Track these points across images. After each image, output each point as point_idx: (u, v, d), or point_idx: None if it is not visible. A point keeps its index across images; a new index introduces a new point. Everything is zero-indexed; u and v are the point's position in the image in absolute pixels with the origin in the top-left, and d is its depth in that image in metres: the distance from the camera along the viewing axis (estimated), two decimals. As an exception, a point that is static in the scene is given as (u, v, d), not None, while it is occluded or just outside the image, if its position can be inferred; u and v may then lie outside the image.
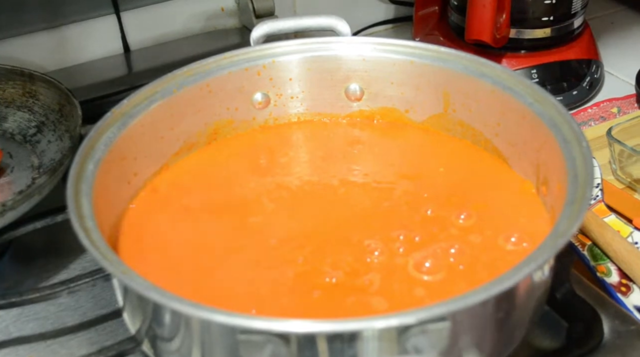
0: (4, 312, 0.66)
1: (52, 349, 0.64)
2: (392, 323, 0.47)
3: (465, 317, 0.49)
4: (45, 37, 1.02)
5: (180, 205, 0.67)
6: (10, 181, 0.79)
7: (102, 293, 0.67)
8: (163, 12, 1.08)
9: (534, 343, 0.60)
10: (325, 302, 0.56)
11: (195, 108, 0.71)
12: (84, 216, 0.56)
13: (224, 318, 0.48)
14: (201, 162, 0.72)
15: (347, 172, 0.69)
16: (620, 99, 0.90)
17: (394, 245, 0.61)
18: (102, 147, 0.63)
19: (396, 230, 0.62)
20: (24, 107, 0.86)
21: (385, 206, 0.65)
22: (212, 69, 0.71)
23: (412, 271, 0.59)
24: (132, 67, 1.07)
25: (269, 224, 0.64)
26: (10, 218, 0.68)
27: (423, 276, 0.58)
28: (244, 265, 0.60)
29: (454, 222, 0.63)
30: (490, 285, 0.48)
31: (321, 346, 0.48)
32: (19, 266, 0.73)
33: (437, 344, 0.49)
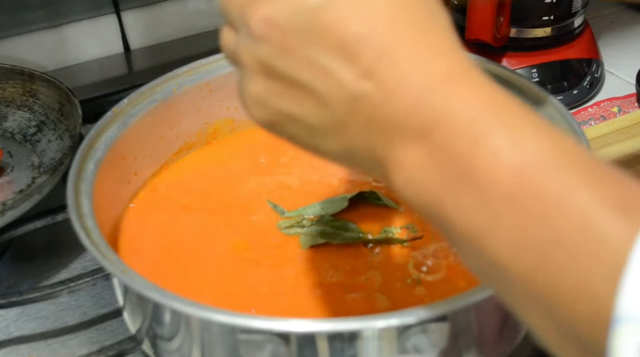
0: (5, 311, 0.66)
1: (52, 348, 0.64)
2: (393, 323, 0.47)
3: (465, 317, 0.49)
4: (46, 36, 1.02)
5: (180, 204, 0.67)
6: (11, 180, 0.79)
7: (103, 292, 0.67)
8: (163, 11, 1.08)
9: (534, 343, 0.60)
10: (326, 302, 0.56)
11: (195, 107, 0.71)
12: (84, 215, 0.56)
13: (224, 318, 0.48)
14: (201, 161, 0.72)
15: (347, 171, 0.69)
16: (621, 98, 0.90)
17: (394, 244, 0.61)
18: (102, 147, 0.63)
19: (396, 229, 0.62)
20: (24, 107, 0.86)
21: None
22: (212, 69, 0.71)
23: (413, 271, 0.59)
24: (133, 66, 1.07)
25: (269, 224, 0.64)
26: (10, 217, 0.68)
27: (423, 276, 0.58)
28: (244, 265, 0.60)
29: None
30: (491, 284, 0.48)
31: (321, 346, 0.48)
32: (19, 265, 0.73)
33: (438, 343, 0.49)
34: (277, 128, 0.41)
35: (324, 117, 0.38)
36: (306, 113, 0.39)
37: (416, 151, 0.36)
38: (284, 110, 0.39)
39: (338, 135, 0.39)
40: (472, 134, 0.35)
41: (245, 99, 0.41)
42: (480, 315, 0.51)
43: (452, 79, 0.36)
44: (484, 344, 0.52)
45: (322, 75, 0.37)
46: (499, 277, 0.35)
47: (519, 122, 0.35)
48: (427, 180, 0.36)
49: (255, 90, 0.40)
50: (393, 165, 0.37)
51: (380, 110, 0.36)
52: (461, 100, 0.35)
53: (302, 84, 0.38)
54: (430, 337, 0.48)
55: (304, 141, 0.40)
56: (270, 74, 0.39)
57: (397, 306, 0.55)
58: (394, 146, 0.37)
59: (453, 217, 0.36)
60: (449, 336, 0.49)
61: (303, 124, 0.39)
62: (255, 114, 0.41)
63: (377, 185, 0.67)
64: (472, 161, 0.34)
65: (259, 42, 0.38)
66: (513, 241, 0.34)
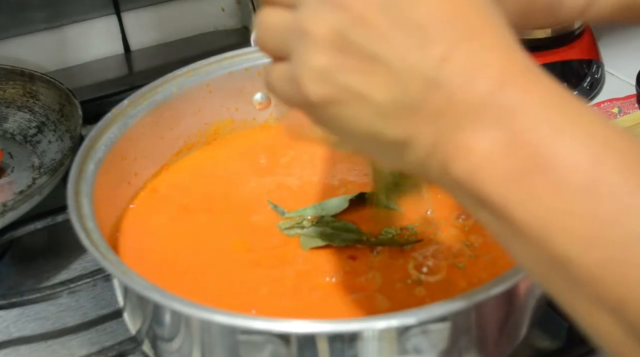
0: (5, 312, 0.66)
1: (52, 349, 0.64)
2: (393, 324, 0.47)
3: (465, 318, 0.49)
4: (46, 37, 1.02)
5: (181, 205, 0.67)
6: (11, 181, 0.79)
7: (103, 293, 0.67)
8: (164, 12, 1.08)
9: (534, 343, 0.60)
10: (326, 302, 0.56)
11: (196, 108, 0.71)
12: (84, 216, 0.56)
13: (224, 318, 0.48)
14: (201, 162, 0.72)
15: (347, 172, 0.69)
16: (621, 99, 0.90)
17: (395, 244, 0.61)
18: (103, 148, 0.63)
19: (396, 230, 0.62)
20: (24, 108, 0.86)
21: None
22: (212, 69, 0.71)
23: (413, 271, 0.59)
24: (133, 67, 1.07)
25: (269, 224, 0.64)
26: (10, 218, 0.68)
27: (424, 277, 0.58)
28: (244, 265, 0.60)
29: (454, 223, 0.63)
30: (491, 285, 0.48)
31: (321, 347, 0.48)
32: (19, 266, 0.73)
33: (438, 344, 0.49)
34: (335, 108, 0.38)
35: (397, 96, 0.37)
36: (376, 91, 0.37)
37: (489, 137, 0.36)
38: (352, 85, 0.37)
39: (405, 117, 0.37)
40: (548, 124, 0.35)
41: (303, 73, 0.38)
42: (481, 316, 0.51)
43: (523, 71, 0.37)
44: (484, 344, 0.52)
45: (401, 52, 0.36)
46: (562, 275, 0.35)
47: (590, 118, 0.36)
48: (497, 167, 0.36)
49: (320, 62, 0.38)
50: (459, 151, 0.36)
51: (456, 96, 0.36)
52: (537, 91, 0.36)
53: (379, 58, 0.37)
54: (431, 338, 0.48)
55: (363, 125, 0.38)
56: (343, 45, 0.37)
57: (397, 306, 0.55)
58: (465, 132, 0.36)
59: (518, 208, 0.35)
60: (449, 337, 0.49)
61: (369, 102, 0.37)
62: (314, 89, 0.38)
63: (378, 186, 0.67)
64: (549, 150, 0.35)
65: (338, 9, 0.37)
66: (583, 235, 0.34)
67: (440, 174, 0.38)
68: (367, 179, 0.68)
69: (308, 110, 0.40)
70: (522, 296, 0.53)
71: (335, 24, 0.37)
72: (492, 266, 0.58)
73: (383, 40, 0.37)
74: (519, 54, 0.37)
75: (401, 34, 0.36)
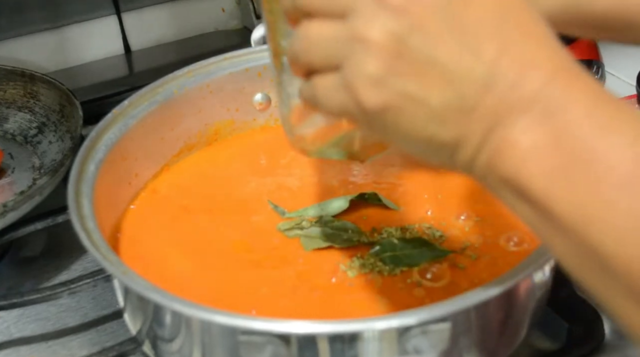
0: (5, 313, 0.66)
1: (53, 349, 0.64)
2: (393, 324, 0.47)
3: (465, 318, 0.49)
4: (46, 37, 1.02)
5: (181, 206, 0.67)
6: (11, 181, 0.79)
7: (103, 294, 0.67)
8: (164, 13, 1.08)
9: (534, 343, 0.60)
10: (326, 302, 0.56)
11: (196, 109, 0.71)
12: (84, 216, 0.56)
13: (225, 319, 0.48)
14: (201, 163, 0.72)
15: (347, 172, 0.69)
16: (621, 99, 0.90)
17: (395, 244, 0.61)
18: (103, 148, 0.63)
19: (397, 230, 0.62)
20: (24, 108, 0.86)
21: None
22: (212, 70, 0.71)
23: (417, 277, 0.58)
24: (133, 67, 1.07)
25: (269, 225, 0.64)
26: (11, 219, 0.68)
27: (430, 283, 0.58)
28: (245, 265, 0.60)
29: (455, 223, 0.63)
30: (491, 285, 0.48)
31: (322, 347, 0.48)
32: (20, 267, 0.73)
33: (438, 344, 0.49)
34: (391, 114, 0.39)
35: (452, 99, 0.38)
36: (432, 95, 0.38)
37: (536, 133, 0.37)
38: (408, 90, 0.38)
39: (459, 119, 0.38)
40: (593, 122, 0.36)
41: (358, 81, 0.39)
42: (481, 316, 0.51)
43: (570, 71, 0.38)
44: (484, 345, 0.52)
45: (457, 54, 0.37)
46: (597, 267, 0.36)
47: (632, 117, 0.37)
48: (542, 161, 0.37)
49: (377, 69, 0.38)
50: (506, 146, 0.38)
51: (507, 95, 0.37)
52: (583, 89, 0.37)
53: (434, 62, 0.38)
54: (431, 339, 0.48)
55: (418, 128, 0.39)
56: (400, 51, 0.38)
57: (398, 307, 0.55)
58: (513, 128, 0.37)
59: (560, 201, 0.37)
60: (450, 338, 0.49)
61: (425, 107, 0.38)
62: (370, 96, 0.39)
63: (377, 186, 0.67)
64: (594, 145, 0.36)
65: (397, 14, 0.38)
66: (620, 229, 0.35)
67: (486, 171, 0.39)
68: (367, 179, 0.68)
69: (361, 118, 0.40)
70: (522, 297, 0.53)
71: (394, 30, 0.38)
72: (493, 266, 0.58)
73: (439, 45, 0.38)
74: (564, 53, 0.39)
75: (456, 38, 0.38)
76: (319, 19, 0.40)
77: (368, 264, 0.59)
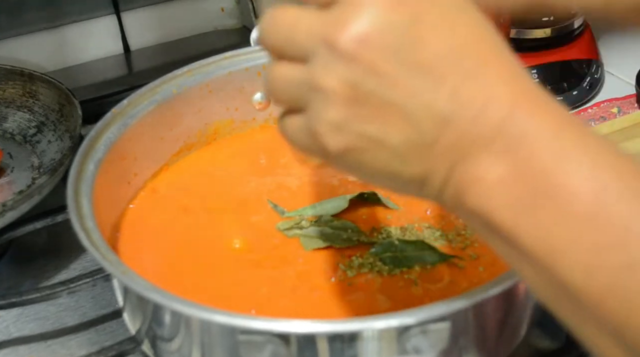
0: (5, 312, 0.66)
1: (52, 349, 0.64)
2: (392, 324, 0.47)
3: (465, 318, 0.49)
4: (46, 37, 1.02)
5: (180, 205, 0.67)
6: (11, 181, 0.79)
7: (102, 293, 0.67)
8: (163, 12, 1.08)
9: (534, 343, 0.60)
10: (326, 302, 0.56)
11: (195, 108, 0.71)
12: (84, 216, 0.56)
13: (224, 319, 0.48)
14: (201, 162, 0.72)
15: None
16: (621, 99, 0.90)
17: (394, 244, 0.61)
18: (102, 148, 0.63)
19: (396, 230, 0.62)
20: (24, 107, 0.86)
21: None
22: (212, 69, 0.71)
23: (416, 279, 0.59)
24: (132, 67, 1.07)
25: (269, 224, 0.64)
26: (10, 218, 0.68)
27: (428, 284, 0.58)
28: (245, 265, 0.60)
29: (454, 223, 0.63)
30: (490, 285, 0.48)
31: (321, 347, 0.48)
32: (19, 266, 0.73)
33: (437, 344, 0.49)
34: (354, 155, 0.40)
35: (412, 137, 0.38)
36: (392, 135, 0.38)
37: (500, 166, 0.37)
38: (368, 133, 0.39)
39: (421, 156, 0.39)
40: (555, 152, 0.36)
41: (320, 127, 0.39)
42: (480, 316, 0.51)
43: (531, 99, 0.37)
44: (484, 344, 0.52)
45: (413, 94, 0.37)
46: (567, 299, 0.36)
47: (596, 144, 0.36)
48: (507, 194, 0.37)
49: (336, 116, 0.39)
50: (470, 182, 0.38)
51: (467, 130, 0.37)
52: (543, 119, 0.37)
53: (392, 103, 0.38)
54: (430, 338, 0.48)
55: (382, 167, 0.40)
56: (356, 96, 0.38)
57: (397, 306, 0.55)
58: (476, 163, 0.37)
59: (526, 235, 0.36)
60: (449, 337, 0.49)
61: (386, 147, 0.39)
62: (331, 142, 0.39)
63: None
64: (554, 177, 0.36)
65: (349, 62, 0.38)
66: (588, 264, 0.35)
67: (454, 204, 0.39)
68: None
69: (327, 159, 0.41)
70: (522, 296, 0.53)
71: (346, 77, 0.38)
72: (492, 266, 0.58)
73: (395, 86, 0.38)
74: (526, 81, 0.38)
75: (412, 77, 0.37)
76: (283, 61, 0.41)
77: (367, 263, 0.59)
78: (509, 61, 0.39)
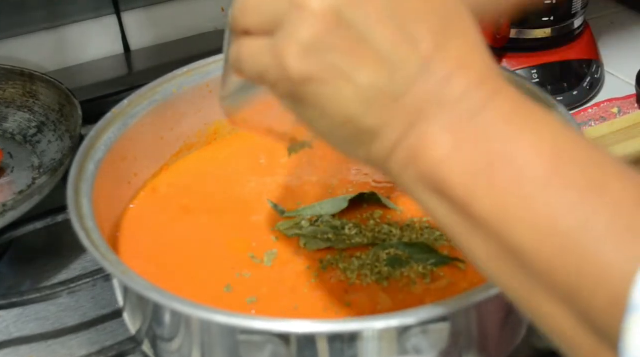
0: (5, 312, 0.66)
1: (52, 349, 0.64)
2: (392, 324, 0.47)
3: (465, 318, 0.49)
4: (46, 37, 1.02)
5: (180, 205, 0.67)
6: (11, 181, 0.79)
7: (103, 293, 0.67)
8: (163, 12, 1.08)
9: (534, 343, 0.60)
10: (326, 302, 0.56)
11: (196, 108, 0.71)
12: (84, 216, 0.56)
13: (224, 319, 0.48)
14: (201, 162, 0.72)
15: (346, 172, 0.69)
16: (621, 99, 0.90)
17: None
18: (103, 148, 0.63)
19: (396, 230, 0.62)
20: (24, 108, 0.86)
21: (385, 206, 0.65)
22: (212, 69, 0.71)
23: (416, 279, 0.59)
24: (133, 67, 1.07)
25: (269, 224, 0.64)
26: (10, 218, 0.68)
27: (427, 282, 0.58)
28: (245, 265, 0.60)
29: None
30: (491, 285, 0.48)
31: (321, 347, 0.48)
32: (19, 266, 0.73)
33: (437, 344, 0.49)
34: (315, 87, 0.38)
35: (382, 81, 0.37)
36: (362, 74, 0.37)
37: (458, 133, 0.37)
38: (337, 64, 0.37)
39: (383, 106, 0.38)
40: (516, 123, 0.37)
41: (289, 46, 0.37)
42: (480, 316, 0.51)
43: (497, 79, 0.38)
44: (484, 344, 0.52)
45: (395, 40, 0.37)
46: (517, 267, 0.36)
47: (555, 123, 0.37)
48: (462, 160, 0.37)
49: (310, 37, 0.37)
50: (426, 145, 0.37)
51: (436, 89, 0.37)
52: (505, 96, 0.38)
53: (371, 42, 0.37)
54: (430, 338, 0.48)
55: (340, 107, 0.38)
56: (338, 23, 0.37)
57: (398, 306, 0.55)
58: (437, 127, 0.37)
59: (479, 202, 0.36)
60: (449, 337, 0.49)
61: (352, 83, 0.37)
62: (297, 64, 0.37)
63: (377, 186, 0.67)
64: (513, 145, 0.36)
65: None
66: (538, 226, 0.35)
67: (402, 166, 0.39)
68: (366, 179, 0.68)
69: (281, 86, 0.39)
70: (521, 296, 0.53)
71: (334, 2, 0.37)
72: (492, 266, 0.58)
73: (378, 26, 0.37)
74: (494, 64, 0.39)
75: (396, 24, 0.37)
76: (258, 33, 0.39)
77: (367, 264, 0.59)
78: (483, 44, 0.39)
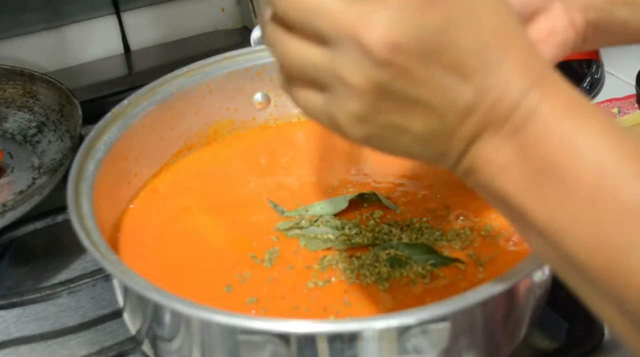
0: (5, 312, 0.66)
1: (52, 349, 0.64)
2: (392, 324, 0.47)
3: (465, 318, 0.49)
4: (46, 37, 1.02)
5: (181, 205, 0.67)
6: (11, 181, 0.79)
7: (103, 293, 0.67)
8: (163, 12, 1.08)
9: (534, 343, 0.60)
10: (326, 302, 0.56)
11: (196, 108, 0.71)
12: (84, 216, 0.56)
13: (224, 319, 0.48)
14: (201, 162, 0.72)
15: (346, 172, 0.69)
16: (621, 99, 0.90)
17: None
18: (103, 148, 0.63)
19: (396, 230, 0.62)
20: (24, 108, 0.86)
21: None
22: (212, 70, 0.71)
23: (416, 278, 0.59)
24: (133, 67, 1.07)
25: (269, 224, 0.64)
26: (10, 218, 0.68)
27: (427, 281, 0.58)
28: (245, 265, 0.60)
29: (454, 223, 0.63)
30: (490, 285, 0.48)
31: (321, 347, 0.48)
32: (19, 266, 0.73)
33: (438, 344, 0.49)
34: (375, 141, 0.41)
35: (434, 127, 0.40)
36: (414, 125, 0.40)
37: (509, 147, 0.39)
38: (391, 123, 0.40)
39: (441, 141, 0.40)
40: (562, 134, 0.38)
41: (341, 116, 0.40)
42: (480, 316, 0.51)
43: (544, 83, 0.39)
44: (484, 344, 0.52)
45: (439, 92, 0.38)
46: (573, 270, 0.39)
47: (601, 127, 0.38)
48: (515, 173, 0.39)
49: (359, 110, 0.39)
50: (483, 160, 0.40)
51: (486, 115, 0.39)
52: (553, 103, 0.39)
53: (418, 100, 0.39)
54: (430, 338, 0.48)
55: (401, 149, 0.41)
56: (383, 94, 0.38)
57: (398, 306, 0.55)
58: (490, 143, 0.40)
59: (534, 212, 0.39)
60: (449, 337, 0.49)
61: (407, 134, 0.40)
62: (353, 130, 0.40)
63: (377, 186, 0.67)
64: (559, 159, 0.38)
65: (379, 66, 0.37)
66: (589, 242, 0.38)
67: (463, 177, 0.42)
68: (366, 179, 0.68)
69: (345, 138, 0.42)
70: (521, 296, 0.53)
71: (375, 78, 0.38)
72: (492, 266, 0.58)
73: (423, 86, 0.38)
74: (541, 65, 0.40)
75: (440, 77, 0.38)
76: (300, 38, 0.40)
77: (367, 264, 0.59)
78: (526, 46, 0.40)
